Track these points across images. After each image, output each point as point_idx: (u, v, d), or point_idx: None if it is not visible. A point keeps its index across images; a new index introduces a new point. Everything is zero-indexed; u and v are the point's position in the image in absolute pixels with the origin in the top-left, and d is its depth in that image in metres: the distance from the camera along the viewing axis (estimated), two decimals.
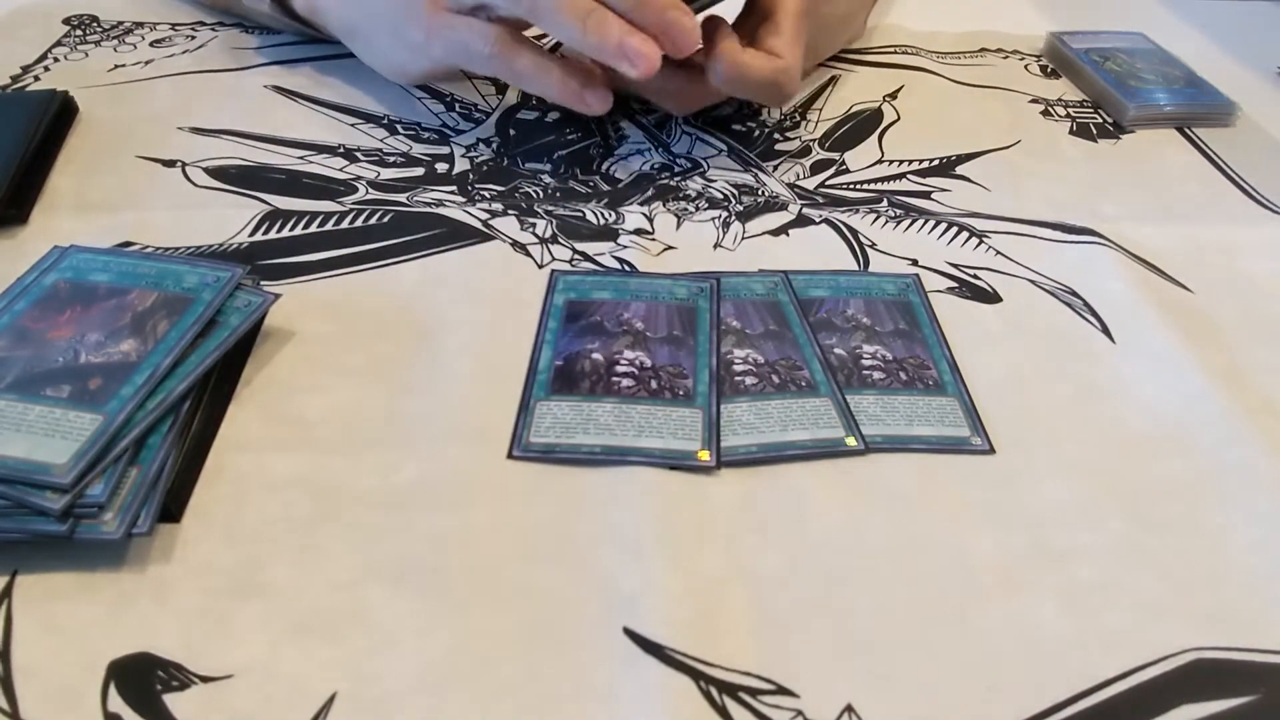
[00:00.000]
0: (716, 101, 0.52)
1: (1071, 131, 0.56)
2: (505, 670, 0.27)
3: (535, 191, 0.48)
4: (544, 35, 0.54)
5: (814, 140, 0.53)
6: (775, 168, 0.51)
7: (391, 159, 0.49)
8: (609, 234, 0.45)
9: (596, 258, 0.43)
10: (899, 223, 0.47)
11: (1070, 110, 0.58)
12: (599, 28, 0.41)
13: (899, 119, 0.56)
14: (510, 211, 0.46)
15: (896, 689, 0.27)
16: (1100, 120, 0.57)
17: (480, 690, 0.27)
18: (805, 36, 0.48)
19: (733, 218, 0.46)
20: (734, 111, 0.55)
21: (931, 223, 0.47)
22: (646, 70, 0.41)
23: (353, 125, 0.52)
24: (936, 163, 0.52)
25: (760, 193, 0.48)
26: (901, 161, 0.52)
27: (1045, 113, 0.57)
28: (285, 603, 0.29)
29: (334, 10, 0.53)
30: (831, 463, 0.34)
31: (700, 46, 0.44)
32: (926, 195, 0.49)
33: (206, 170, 0.47)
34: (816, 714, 0.27)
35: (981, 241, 0.46)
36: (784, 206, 0.47)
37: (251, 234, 0.43)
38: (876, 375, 0.37)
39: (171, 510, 0.31)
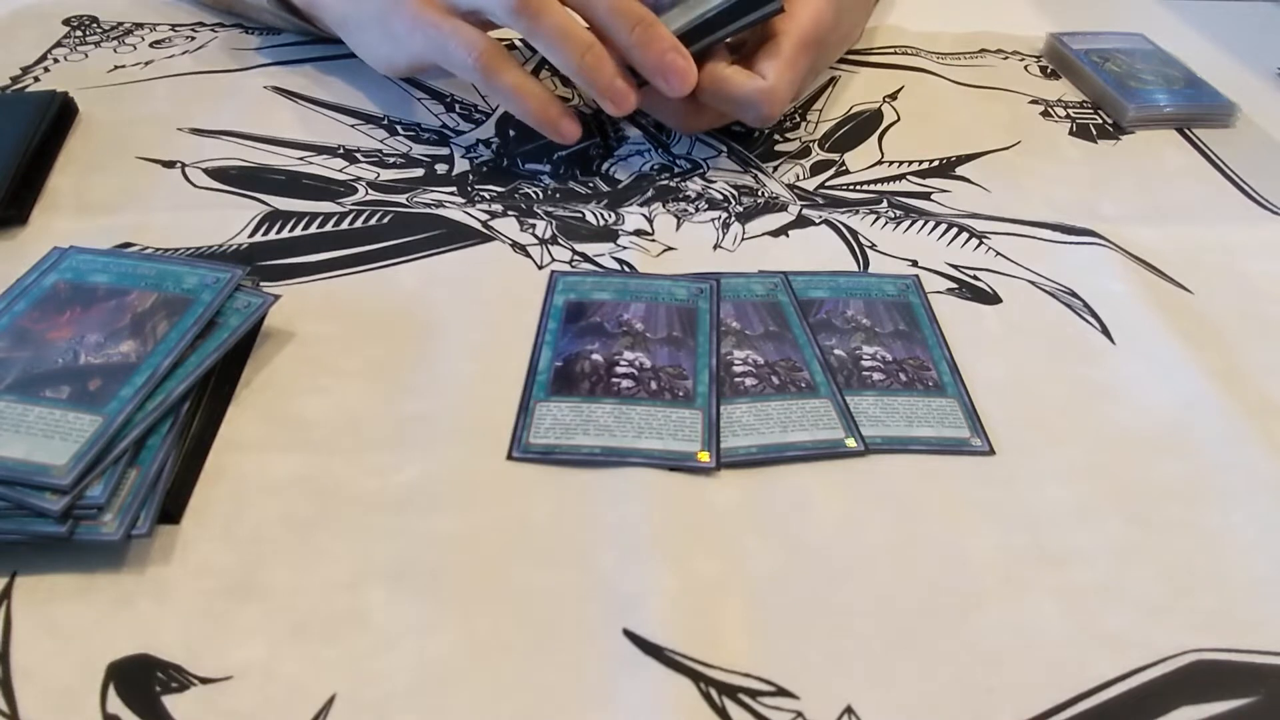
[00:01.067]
0: (719, 124, 0.52)
1: (1071, 132, 0.56)
2: (505, 672, 0.27)
3: (535, 192, 0.48)
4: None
5: (814, 141, 0.53)
6: (775, 169, 0.51)
7: (391, 160, 0.49)
8: (609, 235, 0.45)
9: (596, 258, 0.43)
10: (899, 224, 0.47)
11: (1070, 111, 0.58)
12: (596, 64, 0.43)
13: (899, 120, 0.56)
14: (510, 212, 0.46)
15: (896, 690, 0.27)
16: (1100, 121, 0.57)
17: (480, 692, 0.27)
18: (806, 66, 0.48)
19: (732, 219, 0.46)
20: None
21: (931, 224, 0.47)
22: (624, 111, 0.45)
23: (352, 126, 0.52)
24: (936, 164, 0.52)
25: (760, 194, 0.48)
26: (901, 162, 0.52)
27: (1045, 113, 0.57)
28: (285, 603, 0.29)
29: (329, 2, 0.53)
30: (831, 464, 0.34)
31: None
32: (926, 196, 0.49)
33: (206, 171, 0.47)
34: (816, 715, 0.27)
35: (981, 242, 0.46)
36: (784, 207, 0.47)
37: (251, 235, 0.43)
38: (876, 376, 0.37)
39: (171, 511, 0.31)
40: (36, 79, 0.54)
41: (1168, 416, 0.37)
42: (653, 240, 0.44)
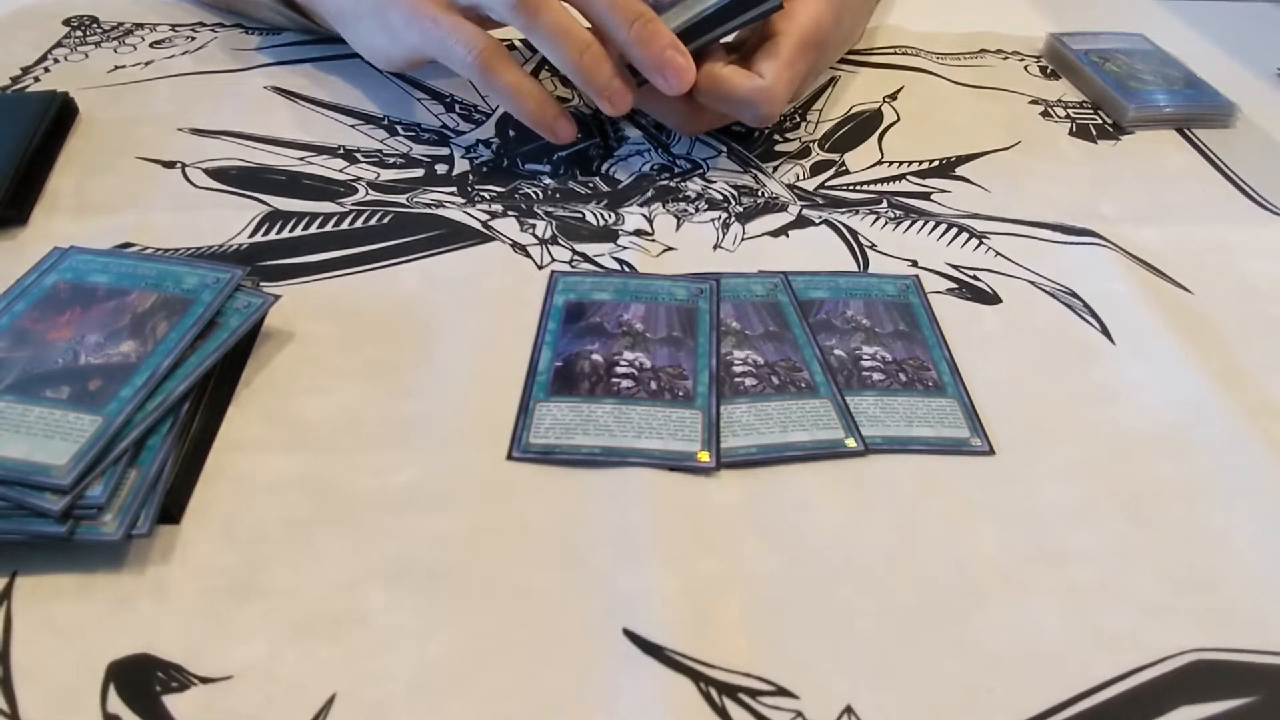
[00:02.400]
0: (719, 125, 0.52)
1: (1071, 133, 0.56)
2: (505, 671, 0.27)
3: (535, 192, 0.48)
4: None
5: (814, 141, 0.53)
6: (775, 169, 0.51)
7: (391, 160, 0.49)
8: (608, 235, 0.45)
9: (596, 259, 0.43)
10: (899, 224, 0.47)
11: (1070, 111, 0.58)
12: (593, 64, 0.43)
13: (899, 120, 0.56)
14: (510, 212, 0.46)
15: (896, 689, 0.27)
16: (1100, 121, 0.57)
17: (480, 691, 0.27)
18: (805, 66, 0.48)
19: (732, 219, 0.46)
20: None
21: (931, 224, 0.47)
22: (620, 111, 0.45)
23: (352, 126, 0.52)
24: (936, 164, 0.52)
25: (760, 194, 0.48)
26: (901, 163, 0.52)
27: (1045, 114, 0.57)
28: (285, 603, 0.29)
29: None
30: (831, 464, 0.34)
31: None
32: (926, 196, 0.49)
33: (206, 171, 0.47)
34: (816, 715, 0.27)
35: (981, 242, 0.46)
36: (784, 208, 0.47)
37: (251, 235, 0.43)
38: (876, 376, 0.37)
39: (171, 511, 0.31)
40: (36, 79, 0.54)
41: (1168, 416, 0.37)
42: (653, 240, 0.44)
